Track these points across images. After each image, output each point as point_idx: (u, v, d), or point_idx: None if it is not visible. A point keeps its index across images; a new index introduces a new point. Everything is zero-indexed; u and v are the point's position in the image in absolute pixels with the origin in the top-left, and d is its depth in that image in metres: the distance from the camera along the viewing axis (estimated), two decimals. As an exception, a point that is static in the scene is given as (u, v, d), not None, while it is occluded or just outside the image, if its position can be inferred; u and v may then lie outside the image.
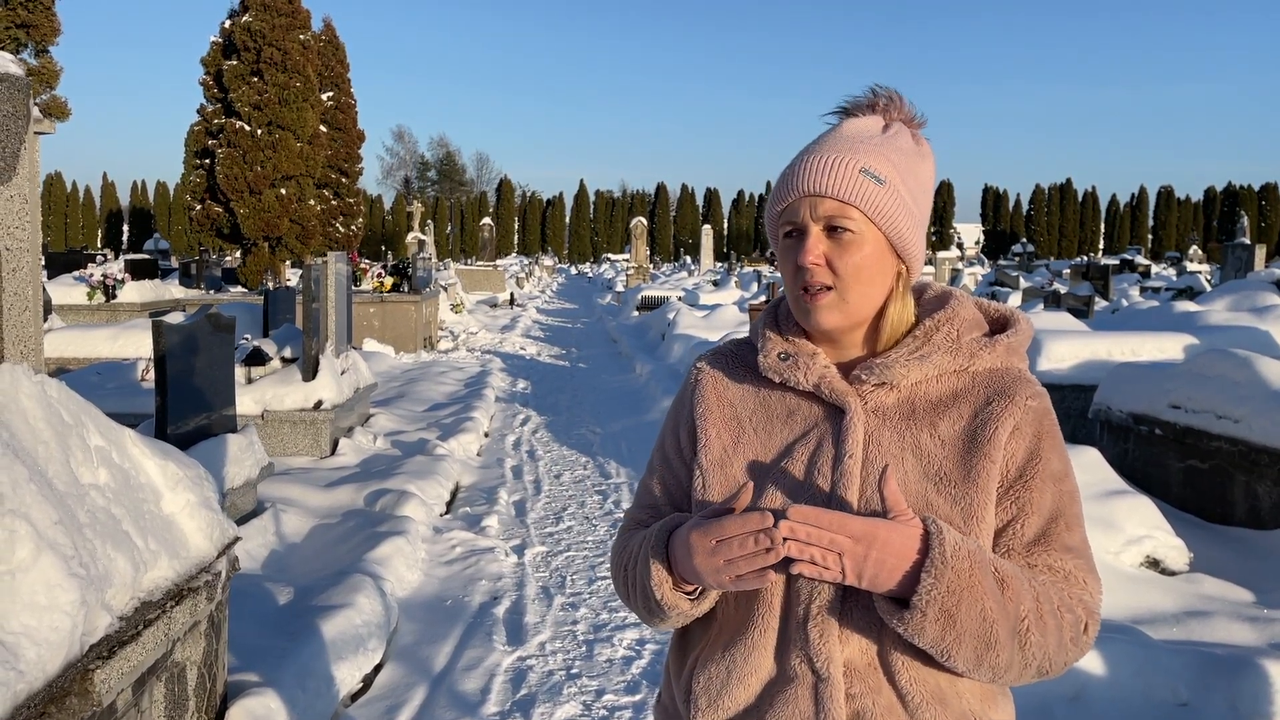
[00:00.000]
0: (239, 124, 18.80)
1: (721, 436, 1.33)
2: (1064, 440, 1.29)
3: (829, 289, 1.23)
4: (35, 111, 2.64)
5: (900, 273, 1.28)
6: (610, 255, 64.56)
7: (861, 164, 1.22)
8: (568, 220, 76.69)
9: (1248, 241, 18.24)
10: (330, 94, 22.03)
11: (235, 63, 18.96)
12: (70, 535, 2.20)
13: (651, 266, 48.09)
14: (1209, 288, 18.61)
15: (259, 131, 18.80)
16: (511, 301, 26.31)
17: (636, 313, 20.43)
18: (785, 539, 1.10)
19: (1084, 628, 1.20)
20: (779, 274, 1.36)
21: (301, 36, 19.29)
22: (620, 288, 29.20)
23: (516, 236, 74.92)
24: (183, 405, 4.88)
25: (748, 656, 1.24)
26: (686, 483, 1.37)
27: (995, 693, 1.26)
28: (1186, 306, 10.64)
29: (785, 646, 1.22)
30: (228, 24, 19.32)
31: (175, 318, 5.13)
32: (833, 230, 1.23)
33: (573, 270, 61.67)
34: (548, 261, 48.97)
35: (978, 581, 1.11)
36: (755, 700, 1.24)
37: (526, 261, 49.70)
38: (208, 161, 19.56)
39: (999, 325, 1.34)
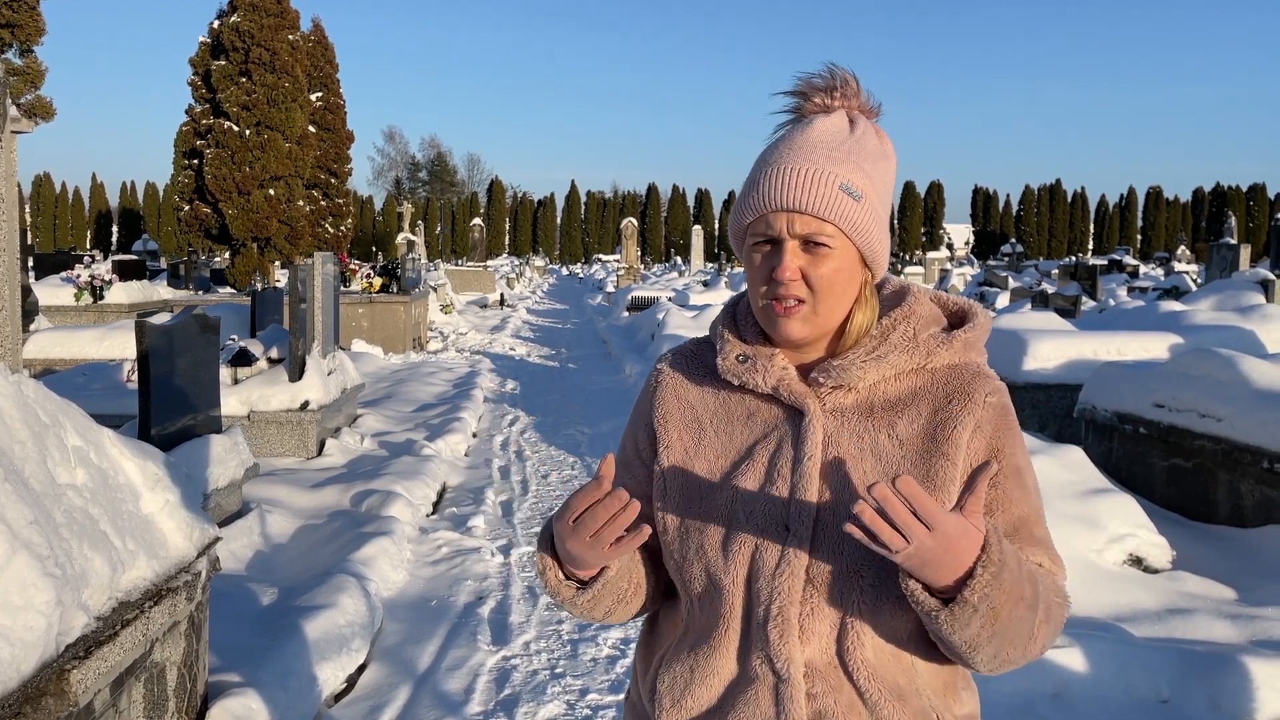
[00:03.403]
0: (227, 124, 18.75)
1: (683, 439, 1.33)
2: (1022, 432, 1.30)
3: (801, 302, 1.23)
4: (13, 111, 2.63)
5: (866, 280, 1.28)
6: (601, 256, 64.48)
7: (841, 180, 1.21)
8: (559, 221, 76.68)
9: (1233, 241, 18.32)
10: (319, 94, 21.97)
11: (223, 63, 18.91)
12: (46, 535, 2.19)
13: (642, 267, 48.12)
14: (1195, 288, 18.69)
15: (247, 132, 18.75)
16: (502, 302, 26.29)
17: (626, 313, 20.42)
18: (860, 504, 1.04)
19: (1061, 616, 1.22)
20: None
21: (290, 37, 19.25)
22: (611, 288, 29.20)
23: (508, 237, 74.85)
24: (166, 406, 4.86)
25: (710, 657, 1.25)
26: (646, 485, 1.37)
27: (957, 686, 1.27)
28: (1172, 306, 10.69)
29: (747, 647, 1.23)
30: (216, 24, 19.27)
31: (161, 318, 5.12)
32: (808, 244, 1.22)
33: (564, 271, 61.61)
34: (539, 262, 48.93)
35: (1021, 579, 1.11)
36: (718, 701, 1.25)
37: (517, 262, 49.65)
38: (196, 162, 19.49)
39: (957, 319, 1.33)
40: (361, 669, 3.98)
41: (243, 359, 7.34)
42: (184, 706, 2.95)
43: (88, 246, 64.53)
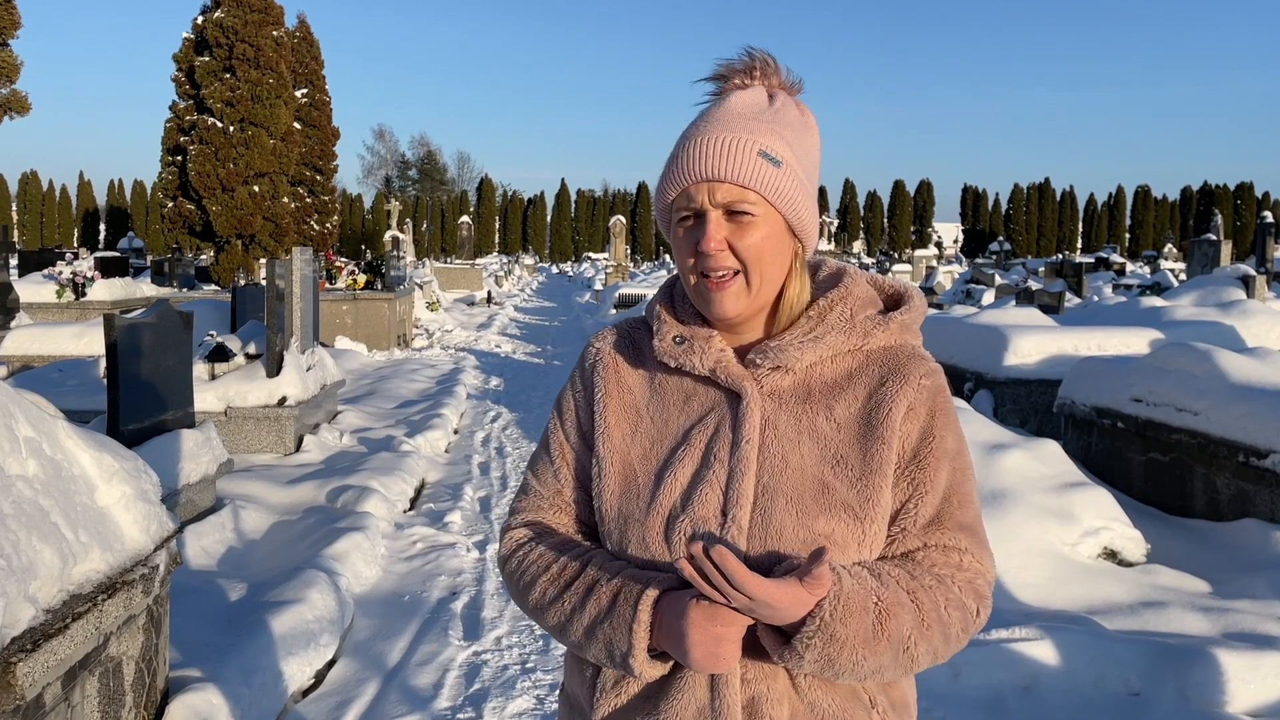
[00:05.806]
0: (211, 121, 18.64)
1: (621, 424, 1.30)
2: (958, 415, 1.29)
3: (735, 274, 1.21)
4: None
5: (797, 252, 1.27)
6: (591, 254, 64.24)
7: (759, 145, 1.20)
8: (549, 219, 76.48)
9: (1214, 238, 18.36)
10: (304, 91, 21.87)
11: (207, 59, 18.80)
12: (-10, 526, 2.16)
13: (632, 265, 48.07)
14: (1178, 284, 18.75)
15: (231, 128, 18.64)
16: (489, 300, 26.23)
17: (614, 310, 20.38)
18: (691, 556, 1.08)
19: (975, 614, 1.21)
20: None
21: (274, 33, 19.14)
22: (599, 286, 29.13)
23: (497, 235, 74.67)
24: (137, 401, 4.82)
25: None
26: (589, 465, 1.34)
27: None
28: (1153, 302, 10.71)
29: None
30: (200, 20, 19.15)
31: (137, 314, 5.07)
32: (732, 214, 1.20)
33: (554, 269, 61.41)
34: (528, 260, 48.83)
35: (856, 632, 1.12)
36: (653, 688, 1.23)
37: (506, 260, 49.55)
38: (180, 159, 19.38)
39: (893, 301, 1.32)
40: (331, 664, 3.94)
41: (220, 355, 7.29)
42: (142, 701, 2.91)
43: (75, 244, 64.11)
